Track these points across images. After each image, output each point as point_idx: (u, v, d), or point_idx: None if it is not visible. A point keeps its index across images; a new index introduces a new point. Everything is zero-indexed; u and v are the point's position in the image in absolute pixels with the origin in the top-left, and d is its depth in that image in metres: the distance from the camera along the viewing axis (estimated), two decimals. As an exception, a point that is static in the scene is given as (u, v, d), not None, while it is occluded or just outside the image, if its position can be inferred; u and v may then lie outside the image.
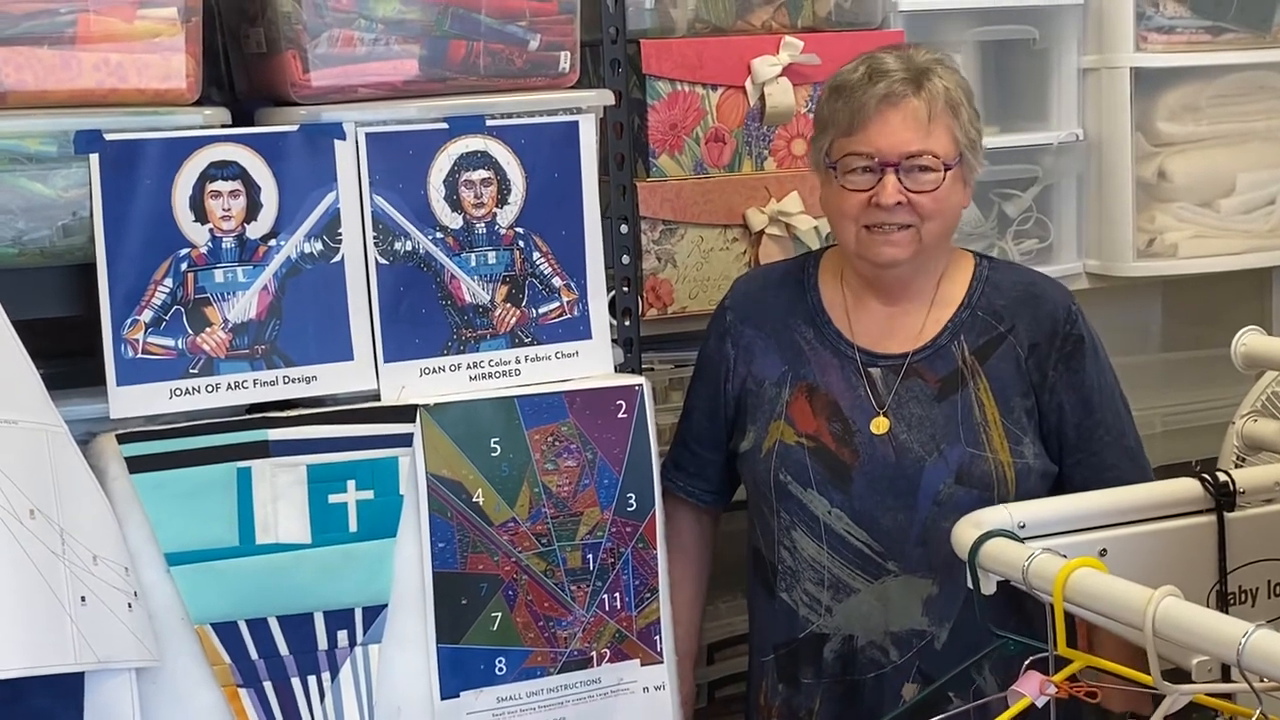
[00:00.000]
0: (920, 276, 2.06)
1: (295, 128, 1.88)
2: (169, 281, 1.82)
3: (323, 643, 1.87)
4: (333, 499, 1.86)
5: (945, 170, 1.97)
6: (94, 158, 1.77)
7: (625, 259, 2.33)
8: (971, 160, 2.02)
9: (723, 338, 2.15)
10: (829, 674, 2.06)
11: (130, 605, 1.71)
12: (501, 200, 1.98)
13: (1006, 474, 2.00)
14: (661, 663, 2.05)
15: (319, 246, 1.90)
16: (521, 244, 1.99)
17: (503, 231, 1.98)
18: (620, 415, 2.01)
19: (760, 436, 2.08)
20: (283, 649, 1.85)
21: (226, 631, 1.82)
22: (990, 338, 2.05)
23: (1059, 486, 2.04)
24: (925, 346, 2.06)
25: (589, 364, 2.04)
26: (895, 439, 2.02)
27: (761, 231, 2.48)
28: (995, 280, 2.09)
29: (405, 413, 1.91)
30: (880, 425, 2.03)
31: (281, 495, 1.84)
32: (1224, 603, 1.82)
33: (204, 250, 1.84)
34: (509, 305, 1.99)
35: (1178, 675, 1.57)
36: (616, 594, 2.01)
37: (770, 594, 2.10)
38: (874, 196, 1.97)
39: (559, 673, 1.99)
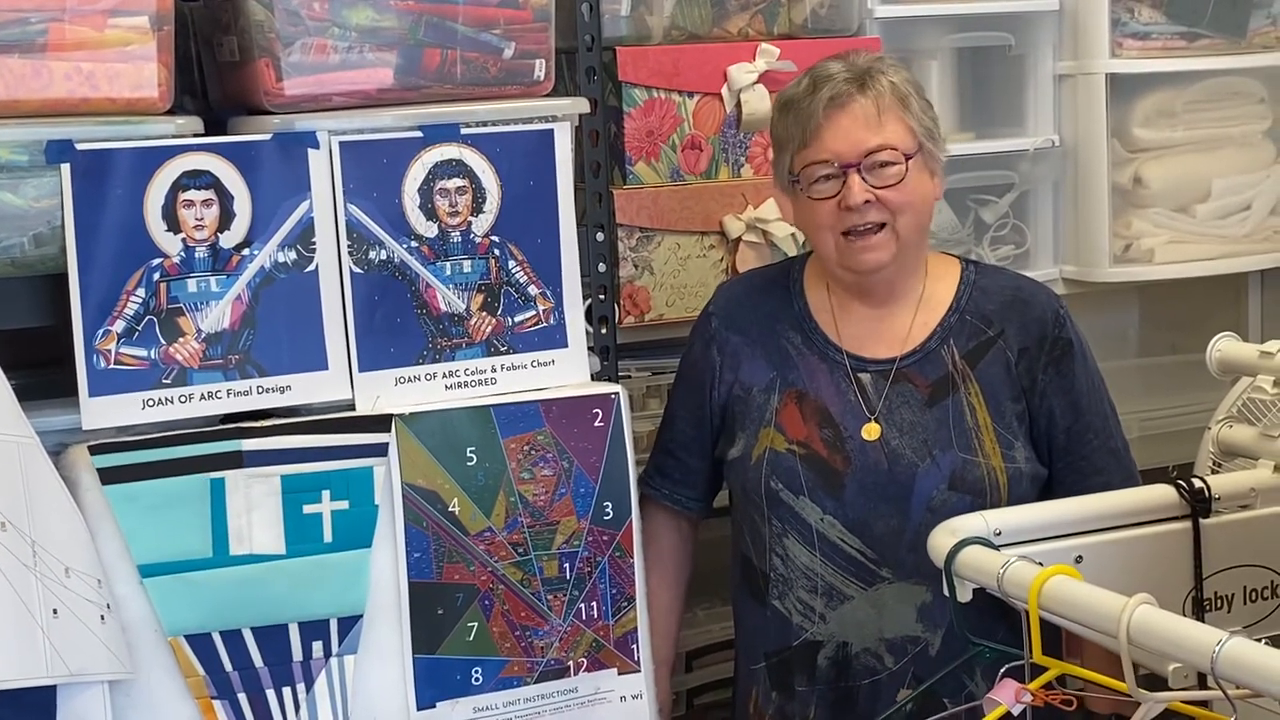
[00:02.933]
0: (903, 277, 2.06)
1: (269, 136, 1.87)
2: (141, 291, 1.81)
3: (298, 654, 1.86)
4: (307, 509, 1.85)
5: (906, 160, 1.97)
6: (65, 167, 1.76)
7: (602, 267, 2.33)
8: (931, 149, 2.02)
9: (708, 344, 2.14)
10: (823, 681, 2.06)
11: (103, 617, 1.70)
12: (477, 209, 1.97)
13: (999, 479, 2.00)
14: (639, 671, 2.04)
15: (293, 256, 1.89)
16: (497, 252, 1.99)
17: (478, 240, 1.98)
18: (597, 424, 2.00)
19: (750, 444, 2.08)
20: (257, 660, 1.84)
21: (200, 643, 1.81)
22: (980, 342, 2.05)
23: (1048, 490, 2.04)
24: (914, 351, 2.06)
25: (565, 372, 2.03)
26: (887, 445, 2.02)
27: (739, 238, 2.48)
28: (983, 284, 2.09)
29: (380, 422, 1.90)
30: (872, 431, 2.02)
31: (255, 506, 1.83)
32: (1200, 609, 1.82)
33: (177, 260, 1.83)
34: (484, 314, 1.99)
35: (1156, 682, 1.57)
36: (593, 603, 2.01)
37: (760, 602, 2.10)
38: (842, 200, 1.97)
39: (536, 682, 1.98)
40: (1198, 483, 1.85)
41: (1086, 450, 2.05)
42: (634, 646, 2.04)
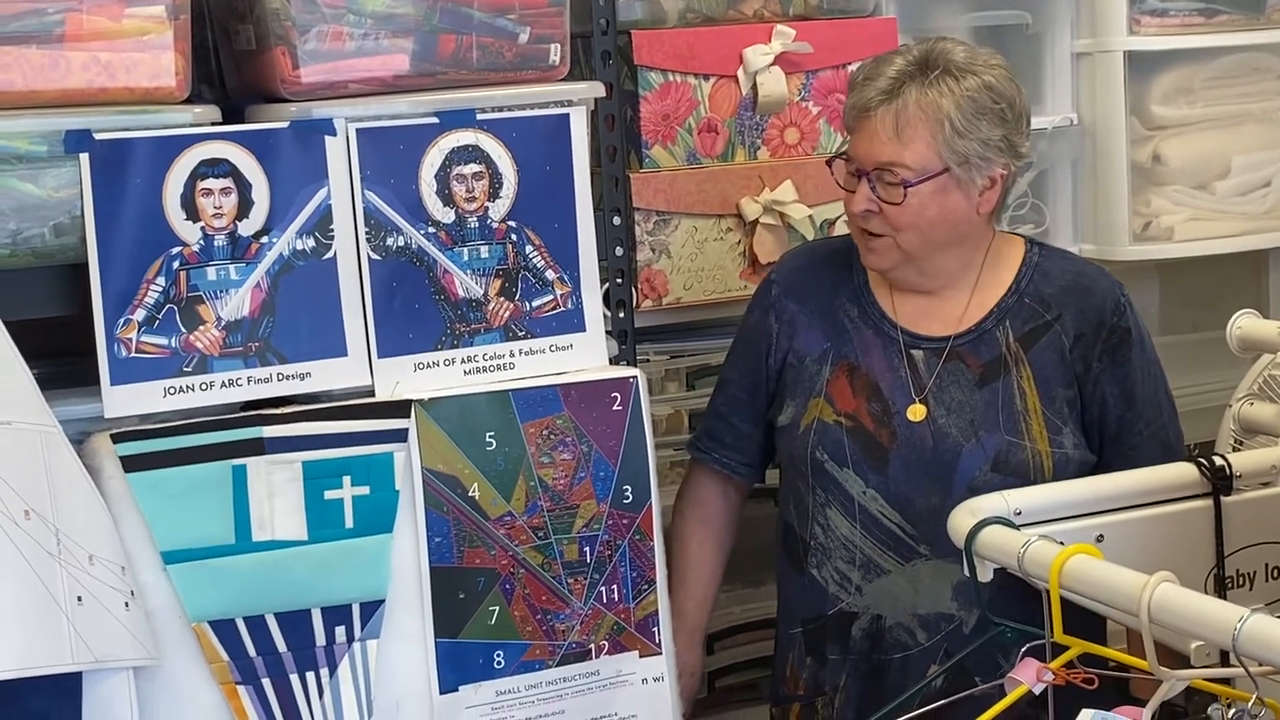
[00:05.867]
0: (944, 274, 2.06)
1: (286, 124, 1.88)
2: (161, 280, 1.82)
3: (321, 639, 1.87)
4: (328, 495, 1.86)
5: (909, 185, 1.95)
6: (84, 157, 1.77)
7: (619, 251, 2.33)
8: (962, 175, 1.97)
9: (766, 311, 2.15)
10: (856, 651, 2.08)
11: (127, 604, 1.71)
12: (493, 194, 1.97)
13: (1044, 464, 2.00)
14: (660, 654, 2.05)
15: (311, 243, 1.89)
16: (514, 237, 1.99)
17: (495, 225, 1.98)
18: (615, 407, 2.01)
19: (799, 412, 2.09)
20: (281, 646, 1.85)
21: (224, 629, 1.82)
22: (1036, 325, 2.05)
23: None
24: (969, 330, 2.06)
25: (583, 357, 2.04)
26: (934, 423, 2.02)
27: (756, 221, 2.47)
28: (1045, 267, 2.09)
29: (400, 408, 1.91)
30: (917, 411, 2.03)
31: (277, 492, 1.83)
32: (1222, 587, 1.82)
33: (196, 248, 1.84)
34: (502, 299, 1.99)
35: (1179, 660, 1.57)
36: (614, 586, 2.01)
37: (799, 569, 2.11)
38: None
39: (557, 665, 1.99)
40: (1219, 460, 1.84)
41: (1136, 440, 2.05)
42: (655, 629, 2.04)
